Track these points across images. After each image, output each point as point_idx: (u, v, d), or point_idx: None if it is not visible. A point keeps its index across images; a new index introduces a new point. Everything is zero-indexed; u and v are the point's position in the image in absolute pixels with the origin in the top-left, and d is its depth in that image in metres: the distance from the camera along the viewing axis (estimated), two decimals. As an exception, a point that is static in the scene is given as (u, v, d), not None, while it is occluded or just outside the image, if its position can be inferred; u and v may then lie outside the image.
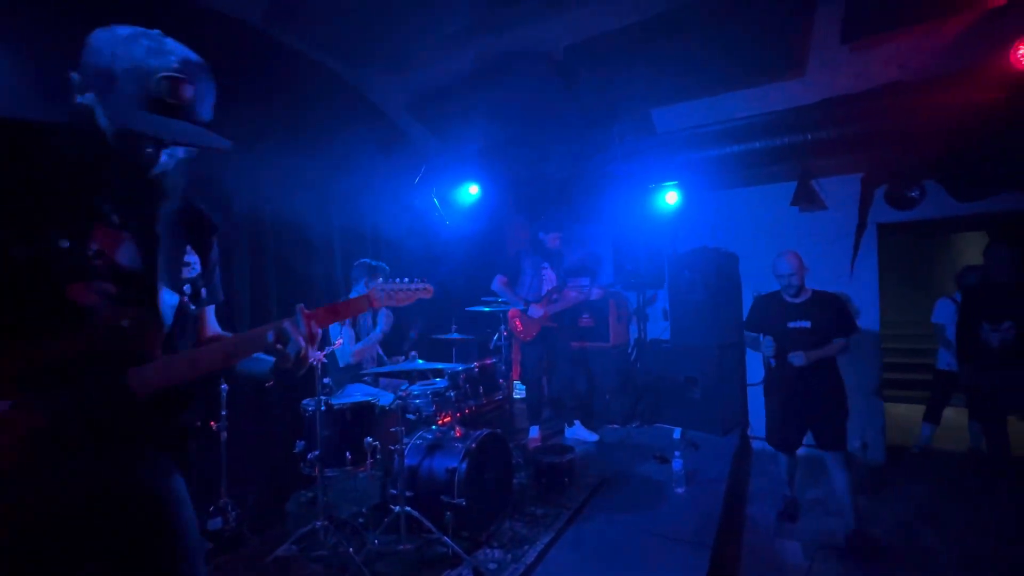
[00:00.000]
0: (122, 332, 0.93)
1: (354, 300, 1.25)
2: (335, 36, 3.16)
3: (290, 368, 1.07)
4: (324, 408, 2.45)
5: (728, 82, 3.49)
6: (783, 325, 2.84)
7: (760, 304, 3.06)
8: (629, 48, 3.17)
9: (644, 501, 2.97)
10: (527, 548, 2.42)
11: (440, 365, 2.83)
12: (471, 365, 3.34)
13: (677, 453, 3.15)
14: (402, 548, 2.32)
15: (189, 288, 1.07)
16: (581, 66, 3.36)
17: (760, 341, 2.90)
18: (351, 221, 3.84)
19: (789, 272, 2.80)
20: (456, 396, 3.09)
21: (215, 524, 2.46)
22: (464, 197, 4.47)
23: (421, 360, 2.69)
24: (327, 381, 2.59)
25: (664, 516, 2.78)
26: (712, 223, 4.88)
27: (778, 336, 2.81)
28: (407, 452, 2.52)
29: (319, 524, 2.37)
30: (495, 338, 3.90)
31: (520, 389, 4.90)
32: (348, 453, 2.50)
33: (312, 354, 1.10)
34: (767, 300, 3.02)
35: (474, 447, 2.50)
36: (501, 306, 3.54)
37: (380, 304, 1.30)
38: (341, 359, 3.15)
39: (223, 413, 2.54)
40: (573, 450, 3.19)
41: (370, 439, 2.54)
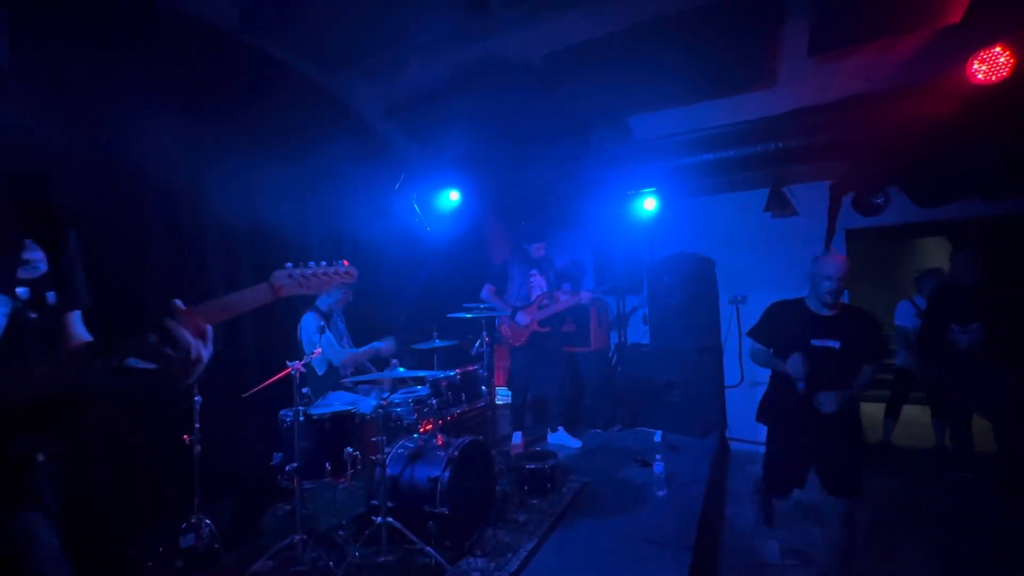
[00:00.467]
0: None
1: (251, 291, 1.08)
2: (313, 41, 3.11)
3: (179, 374, 0.95)
4: (303, 418, 2.41)
5: (703, 91, 3.58)
6: (804, 342, 2.31)
7: (777, 312, 2.50)
8: (607, 57, 3.23)
9: (626, 505, 2.98)
10: (510, 556, 2.41)
11: (422, 372, 2.81)
12: (453, 372, 3.33)
13: (658, 456, 3.19)
14: (383, 560, 2.28)
15: (27, 292, 0.94)
16: (560, 74, 3.40)
17: (770, 357, 2.43)
18: (329, 228, 3.78)
19: (836, 275, 2.27)
20: (438, 403, 3.06)
21: (187, 541, 2.37)
22: (445, 203, 4.45)
23: (402, 368, 2.66)
24: (306, 391, 2.53)
25: (646, 519, 2.80)
26: (689, 229, 4.99)
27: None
28: (388, 461, 2.49)
29: (297, 538, 2.31)
30: (477, 344, 3.88)
31: (502, 395, 4.89)
32: (327, 464, 2.45)
33: (204, 353, 0.96)
34: (787, 308, 2.47)
35: (457, 455, 2.49)
36: (483, 312, 3.53)
37: (286, 292, 1.12)
38: (319, 367, 3.09)
39: (196, 426, 2.45)
40: (556, 456, 3.19)
41: (350, 449, 2.50)
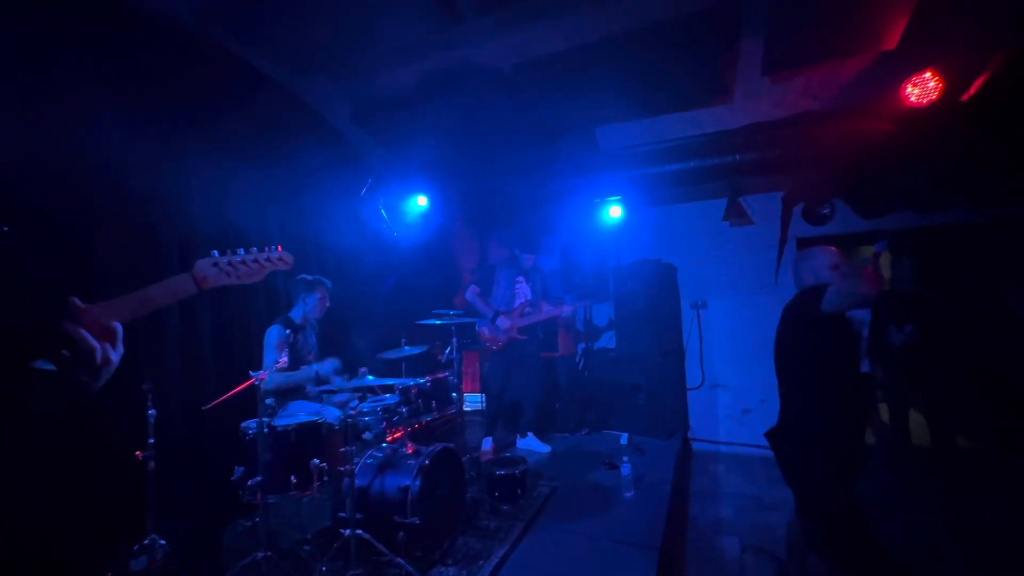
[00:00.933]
0: None
1: (170, 282, 1.00)
2: (275, 40, 3.03)
3: (85, 378, 0.88)
4: (267, 430, 2.33)
5: (665, 105, 3.73)
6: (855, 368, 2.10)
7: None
8: (574, 69, 3.32)
9: (595, 507, 3.03)
10: (481, 563, 2.40)
11: (391, 380, 2.77)
12: (424, 379, 3.30)
13: (625, 459, 3.26)
14: (352, 574, 2.22)
15: None
16: (529, 84, 3.46)
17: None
18: (293, 233, 3.68)
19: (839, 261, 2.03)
20: (408, 411, 3.03)
21: (139, 564, 2.24)
22: (413, 208, 4.42)
23: (371, 376, 2.62)
24: (269, 401, 2.44)
25: (615, 521, 2.85)
26: (653, 236, 5.16)
27: (850, 381, 2.10)
28: (357, 472, 2.44)
29: (260, 555, 2.23)
30: (447, 351, 3.87)
31: (470, 402, 4.88)
32: (292, 477, 2.37)
33: (113, 355, 0.90)
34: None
35: (427, 463, 2.47)
36: (452, 319, 3.52)
37: (212, 282, 1.02)
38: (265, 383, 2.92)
39: (150, 441, 2.33)
40: (525, 461, 3.21)
41: (317, 460, 2.43)
